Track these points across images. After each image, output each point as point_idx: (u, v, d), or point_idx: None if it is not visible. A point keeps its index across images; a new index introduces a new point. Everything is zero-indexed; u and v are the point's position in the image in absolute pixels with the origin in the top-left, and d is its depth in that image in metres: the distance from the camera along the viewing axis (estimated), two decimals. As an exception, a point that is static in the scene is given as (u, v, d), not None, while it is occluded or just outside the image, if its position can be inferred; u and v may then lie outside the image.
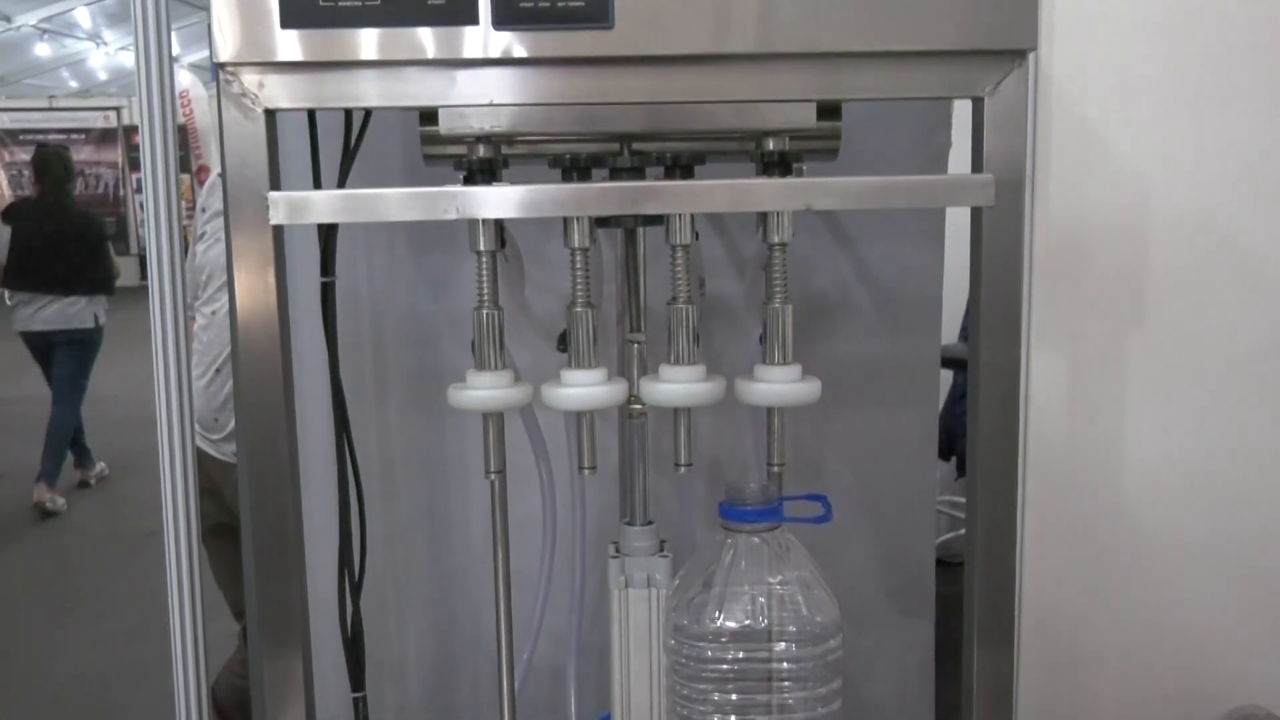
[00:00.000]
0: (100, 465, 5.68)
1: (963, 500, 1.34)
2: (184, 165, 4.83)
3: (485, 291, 1.07)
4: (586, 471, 1.13)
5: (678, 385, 1.07)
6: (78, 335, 5.31)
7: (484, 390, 1.07)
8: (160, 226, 1.63)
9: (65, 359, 5.35)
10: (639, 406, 1.19)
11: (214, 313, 2.48)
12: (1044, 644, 1.42)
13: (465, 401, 1.07)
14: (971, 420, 1.17)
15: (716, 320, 1.38)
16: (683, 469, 1.12)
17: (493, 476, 1.14)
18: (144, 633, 3.64)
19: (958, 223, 1.20)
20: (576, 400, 1.06)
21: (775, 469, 1.13)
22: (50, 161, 5.52)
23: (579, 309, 1.07)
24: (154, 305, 1.67)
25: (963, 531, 1.20)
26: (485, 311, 1.07)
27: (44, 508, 5.18)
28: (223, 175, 1.01)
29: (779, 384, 1.07)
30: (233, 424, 2.32)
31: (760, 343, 1.10)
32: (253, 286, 1.08)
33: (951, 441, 3.57)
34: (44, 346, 5.37)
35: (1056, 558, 1.43)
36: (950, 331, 2.80)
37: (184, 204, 1.85)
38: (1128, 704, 1.44)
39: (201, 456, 2.17)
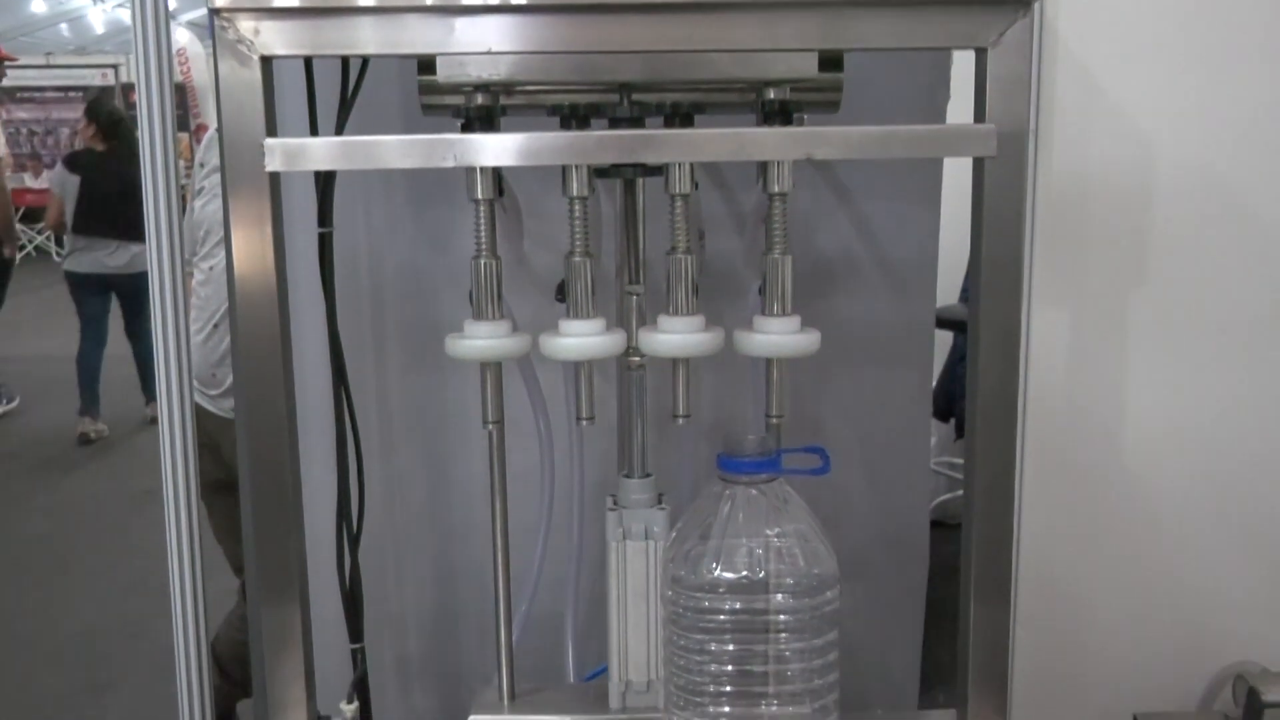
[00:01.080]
0: (102, 426, 5.80)
1: (961, 462, 1.34)
2: (182, 124, 4.83)
3: (483, 241, 1.07)
4: (585, 423, 1.13)
5: (676, 336, 1.06)
6: (142, 280, 5.38)
7: (482, 340, 1.07)
8: (157, 184, 1.62)
9: (126, 302, 5.61)
10: (638, 359, 1.19)
11: (212, 268, 2.47)
12: (1041, 601, 1.42)
13: (463, 351, 1.07)
14: (971, 377, 1.17)
15: (716, 278, 1.37)
16: (681, 420, 1.11)
17: (490, 427, 1.13)
18: (144, 589, 3.66)
19: (961, 185, 1.20)
20: (574, 350, 1.06)
21: (774, 421, 1.13)
22: (110, 110, 5.72)
23: (577, 259, 1.07)
24: (152, 262, 1.66)
25: (961, 493, 1.20)
26: (483, 261, 1.07)
27: (88, 436, 5.68)
28: (219, 124, 1.00)
29: (778, 335, 1.07)
30: (231, 380, 2.32)
31: (760, 294, 1.10)
32: (250, 237, 1.08)
33: (951, 403, 3.57)
34: (99, 289, 5.63)
35: (1054, 515, 1.43)
36: (951, 293, 2.79)
37: (182, 163, 1.84)
38: (1124, 661, 1.44)
39: (199, 412, 2.16)
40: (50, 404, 6.21)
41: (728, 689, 1.04)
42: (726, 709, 1.05)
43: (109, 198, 5.32)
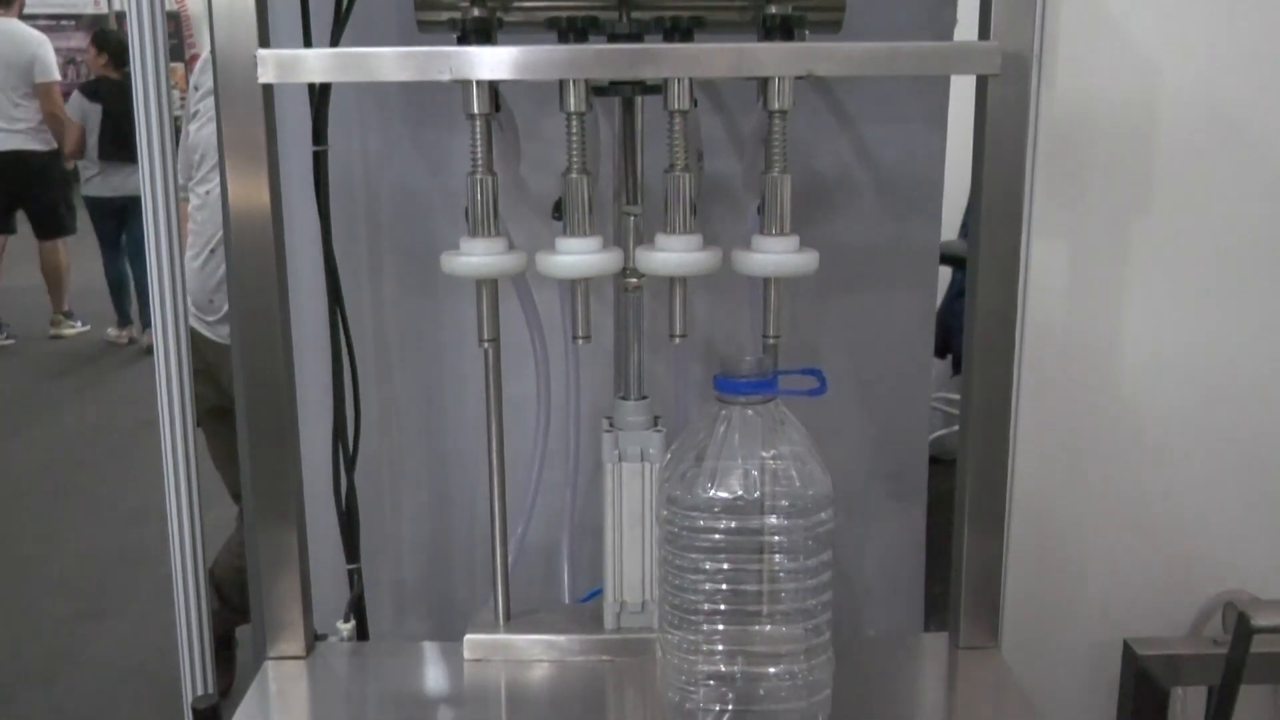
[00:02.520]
0: (132, 333, 6.26)
1: (958, 397, 1.34)
2: (176, 54, 4.81)
3: (479, 157, 1.05)
4: (580, 342, 1.12)
5: (673, 254, 1.06)
6: None
7: (477, 257, 1.06)
8: (149, 110, 1.60)
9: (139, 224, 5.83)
10: (634, 280, 1.18)
11: (208, 193, 2.46)
12: (1034, 529, 1.43)
13: (459, 268, 1.06)
14: (969, 304, 1.17)
15: (714, 202, 1.36)
16: (677, 340, 1.11)
17: (486, 345, 1.13)
18: (144, 518, 3.68)
19: (963, 117, 1.18)
20: (571, 268, 1.05)
21: (771, 342, 1.13)
22: (120, 39, 5.82)
23: (574, 175, 1.05)
24: (145, 189, 1.65)
25: (957, 428, 1.21)
26: (479, 177, 1.06)
27: (121, 343, 6.29)
28: (210, 37, 0.98)
29: (776, 254, 1.06)
30: (228, 307, 2.31)
31: (758, 214, 1.09)
32: (244, 155, 1.07)
33: (949, 339, 3.56)
34: (117, 212, 5.86)
35: (1049, 444, 1.43)
36: (950, 228, 2.77)
37: (177, 92, 1.82)
38: (1115, 588, 1.46)
39: (197, 339, 2.17)
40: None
41: (722, 608, 1.05)
42: (720, 627, 1.05)
43: (133, 123, 5.44)
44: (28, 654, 3.15)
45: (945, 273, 3.36)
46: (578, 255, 1.05)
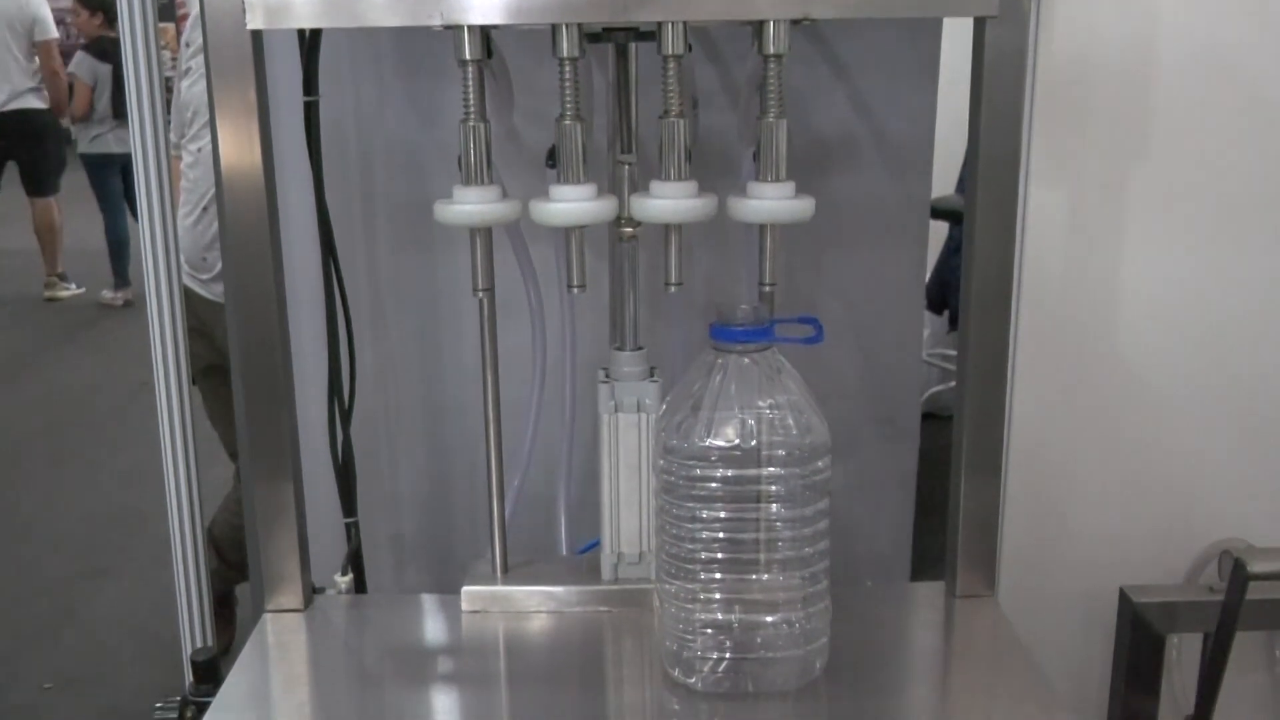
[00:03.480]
0: (127, 294, 6.23)
1: (954, 353, 1.34)
2: (167, 13, 4.77)
3: (471, 104, 1.04)
4: (575, 291, 1.11)
5: (669, 200, 1.05)
6: None
7: (471, 205, 1.05)
8: (139, 68, 1.59)
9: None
10: (629, 230, 1.17)
11: (200, 150, 2.44)
12: (1030, 476, 1.43)
13: (452, 216, 1.05)
14: (967, 251, 1.16)
15: (709, 153, 1.34)
16: (673, 288, 1.10)
17: (481, 295, 1.12)
18: (142, 478, 3.68)
19: (959, 74, 1.17)
20: (565, 215, 1.04)
21: (767, 289, 1.12)
22: None
23: (568, 122, 1.04)
24: (135, 148, 1.64)
25: (953, 384, 1.20)
26: (471, 124, 1.05)
27: (116, 305, 6.28)
28: (198, -17, 0.97)
29: (772, 200, 1.05)
30: (221, 264, 2.30)
31: (754, 161, 1.08)
32: (234, 105, 1.06)
33: (945, 295, 3.56)
34: (117, 170, 5.85)
35: (1046, 392, 1.43)
36: (948, 184, 2.76)
37: (167, 53, 1.80)
38: (1111, 536, 1.46)
39: (191, 297, 2.15)
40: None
41: (719, 557, 1.05)
42: (718, 576, 1.05)
43: None
44: (29, 613, 3.16)
45: (941, 229, 3.36)
46: (572, 202, 1.04)
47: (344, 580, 1.29)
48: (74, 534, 3.63)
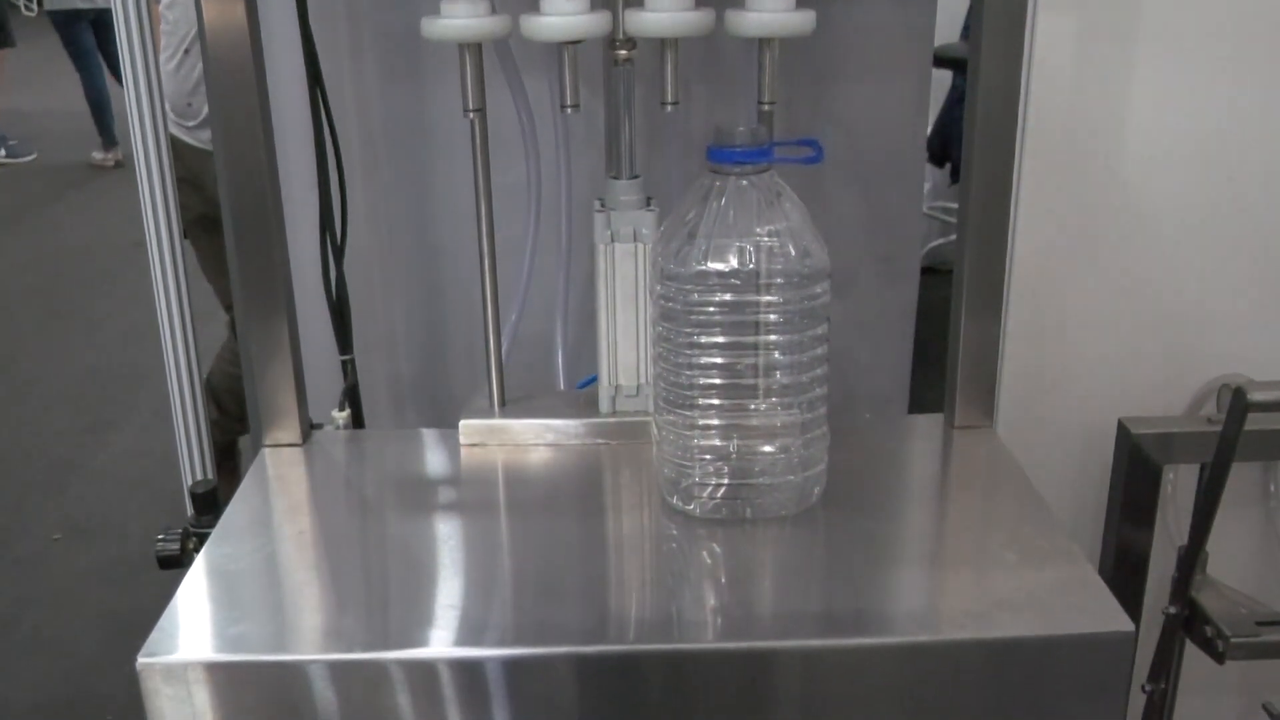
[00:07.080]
0: (117, 155, 6.25)
1: (955, 206, 1.31)
2: None
3: (458, -85, 1.00)
4: (569, 111, 1.08)
5: (665, 14, 1.01)
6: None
7: (459, 19, 1.01)
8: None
9: (109, 34, 5.86)
10: (624, 52, 1.13)
11: (179, -10, 2.37)
12: (1031, 309, 1.41)
13: (440, 31, 1.02)
14: (971, 82, 1.13)
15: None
16: (669, 107, 1.07)
17: (471, 115, 1.09)
18: (141, 336, 3.69)
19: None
20: (558, 29, 1.01)
21: (766, 108, 1.09)
22: None
23: (559, -67, 1.00)
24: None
25: (954, 237, 1.18)
26: (459, -66, 1.00)
27: (107, 166, 6.34)
28: None
29: (771, 12, 1.01)
30: (208, 110, 2.25)
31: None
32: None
33: (947, 146, 3.50)
34: (86, 24, 5.88)
35: (1049, 225, 1.40)
36: (951, 32, 2.68)
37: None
38: (1113, 373, 1.45)
39: (178, 146, 2.11)
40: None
41: (717, 382, 1.04)
42: (715, 402, 1.05)
43: None
44: (35, 466, 3.20)
45: (944, 79, 3.28)
46: (565, 16, 1.00)
47: (341, 416, 1.29)
48: (75, 390, 3.65)
